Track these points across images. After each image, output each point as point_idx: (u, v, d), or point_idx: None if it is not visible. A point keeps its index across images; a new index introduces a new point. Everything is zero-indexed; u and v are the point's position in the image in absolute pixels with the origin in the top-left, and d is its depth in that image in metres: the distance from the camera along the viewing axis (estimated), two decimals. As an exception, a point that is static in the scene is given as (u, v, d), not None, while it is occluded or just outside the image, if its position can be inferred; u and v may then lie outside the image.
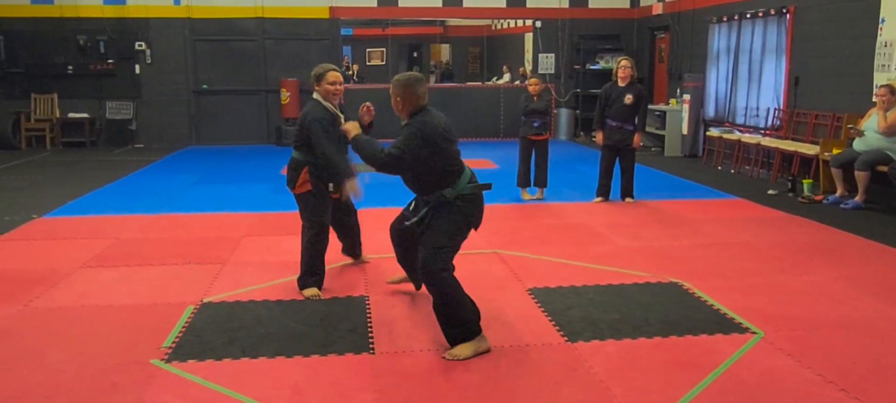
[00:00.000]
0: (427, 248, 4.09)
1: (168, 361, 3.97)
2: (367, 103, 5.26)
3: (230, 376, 3.79)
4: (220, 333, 4.38)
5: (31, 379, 3.77)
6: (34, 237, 6.89)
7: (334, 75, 5.14)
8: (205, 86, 14.62)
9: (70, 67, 14.06)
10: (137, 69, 14.41)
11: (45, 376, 3.81)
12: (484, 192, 4.42)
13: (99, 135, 14.43)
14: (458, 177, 4.24)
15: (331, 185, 5.15)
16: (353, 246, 5.84)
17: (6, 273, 5.66)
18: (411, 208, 4.47)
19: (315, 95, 5.16)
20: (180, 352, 4.09)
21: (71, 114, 14.26)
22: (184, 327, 4.47)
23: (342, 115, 5.19)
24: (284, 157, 6.45)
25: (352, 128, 4.47)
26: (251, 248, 6.42)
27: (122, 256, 6.15)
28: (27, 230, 7.16)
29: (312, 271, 5.16)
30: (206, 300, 4.98)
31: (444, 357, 4.03)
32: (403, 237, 4.67)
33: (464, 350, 4.05)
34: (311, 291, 5.10)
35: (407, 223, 4.39)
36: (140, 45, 14.27)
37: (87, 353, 4.12)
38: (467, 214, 4.27)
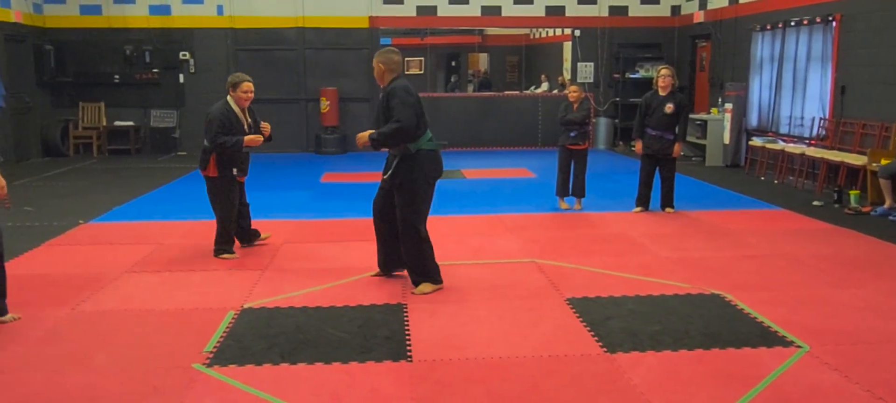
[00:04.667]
0: (404, 205, 5.18)
1: (209, 365, 4.03)
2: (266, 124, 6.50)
3: (270, 381, 3.83)
4: (260, 338, 4.43)
5: (78, 381, 3.86)
6: (81, 242, 7.06)
7: (248, 85, 6.27)
8: (246, 95, 14.82)
9: (116, 77, 14.39)
10: (181, 78, 14.70)
11: (90, 378, 3.90)
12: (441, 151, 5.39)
13: (144, 143, 14.74)
14: (423, 133, 5.15)
15: (235, 170, 6.25)
16: (246, 230, 6.64)
17: (54, 277, 5.80)
18: (386, 165, 5.31)
19: (228, 99, 6.22)
20: (221, 357, 4.14)
21: (117, 123, 14.60)
22: (225, 332, 4.53)
23: (249, 119, 6.36)
24: (324, 165, 6.53)
25: (363, 136, 5.21)
26: (291, 255, 6.49)
27: (166, 261, 6.26)
28: (74, 235, 7.34)
29: (228, 239, 6.29)
30: (246, 305, 5.05)
31: (412, 293, 5.20)
32: (383, 212, 5.42)
33: (426, 287, 5.26)
34: (230, 255, 6.24)
35: (384, 177, 5.24)
36: (184, 55, 14.56)
37: (131, 356, 4.20)
38: (427, 173, 5.20)
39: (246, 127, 6.31)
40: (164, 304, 5.12)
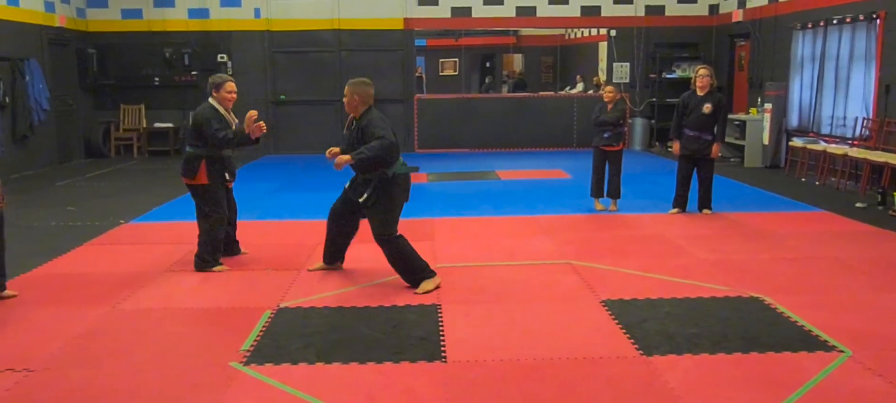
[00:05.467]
0: (378, 221, 5.32)
1: (246, 364, 4.08)
2: (254, 113, 6.04)
3: (306, 380, 3.86)
4: (295, 338, 4.47)
5: (120, 377, 3.93)
6: (122, 241, 7.19)
7: (231, 85, 6.10)
8: (282, 97, 15.00)
9: (156, 79, 14.65)
10: (219, 80, 14.89)
11: (131, 375, 3.97)
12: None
13: (182, 144, 14.97)
14: (397, 159, 5.33)
15: (227, 175, 6.11)
16: (231, 238, 6.39)
17: (96, 275, 5.92)
18: (355, 187, 5.47)
19: (212, 100, 6.01)
20: (258, 356, 4.19)
21: (157, 124, 14.87)
22: (261, 331, 4.58)
23: (236, 119, 6.15)
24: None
25: (344, 159, 5.23)
26: (326, 255, 6.52)
27: (204, 261, 6.34)
28: (115, 235, 7.48)
29: (215, 250, 6.00)
30: (282, 305, 5.10)
31: (415, 293, 5.26)
32: (342, 218, 5.68)
33: (428, 285, 5.33)
34: (220, 268, 5.96)
35: (359, 199, 5.35)
36: (222, 58, 14.75)
37: (171, 354, 4.27)
38: (405, 189, 5.42)
39: (234, 127, 6.12)
40: (202, 303, 5.20)
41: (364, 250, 6.38)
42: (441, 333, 4.54)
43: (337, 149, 5.46)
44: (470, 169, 12.32)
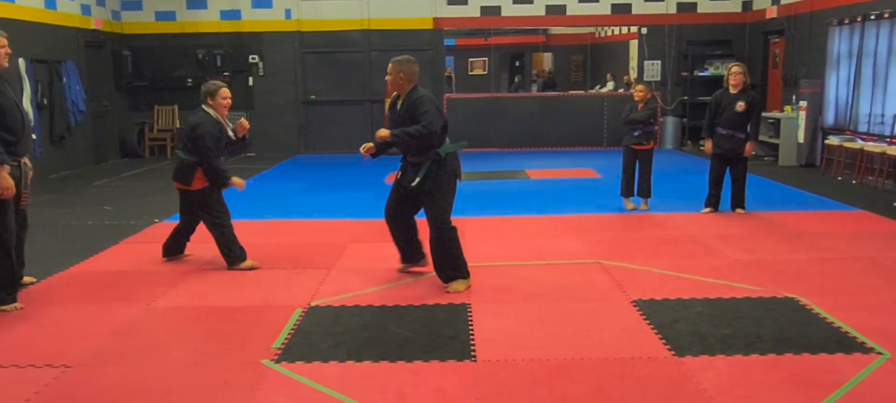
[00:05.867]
0: (436, 211, 5.26)
1: (278, 362, 4.11)
2: (243, 120, 6.24)
3: (336, 378, 3.89)
4: (326, 336, 4.50)
5: (154, 374, 3.99)
6: (156, 240, 7.29)
7: (226, 92, 6.01)
8: (313, 97, 15.11)
9: (189, 80, 14.83)
10: (251, 81, 15.06)
11: (165, 371, 4.03)
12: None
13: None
14: (445, 138, 5.27)
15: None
16: (181, 243, 6.37)
17: (131, 274, 6.02)
18: (406, 174, 5.39)
19: (208, 108, 5.93)
20: (289, 354, 4.22)
21: (190, 125, 15.04)
22: (292, 329, 4.62)
23: (230, 124, 6.09)
24: (389, 167, 6.57)
25: (383, 132, 5.23)
26: (356, 254, 6.57)
27: (236, 260, 6.41)
28: (149, 233, 7.60)
29: (238, 249, 5.99)
30: (313, 303, 5.14)
31: (445, 291, 5.27)
32: (399, 220, 5.59)
33: (459, 285, 5.32)
34: (248, 263, 5.97)
35: (411, 184, 5.27)
36: (253, 58, 14.91)
37: (203, 351, 4.33)
38: (455, 172, 5.33)
39: (230, 132, 6.12)
40: (234, 301, 5.26)
41: (391, 249, 6.39)
42: (471, 332, 4.53)
43: (387, 132, 5.29)
44: (499, 168, 12.30)
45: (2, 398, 3.70)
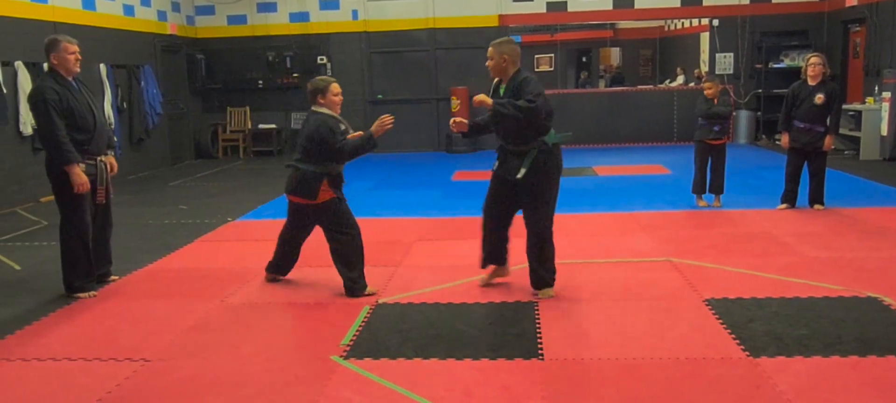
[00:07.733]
0: (541, 214, 4.96)
1: (346, 358, 4.17)
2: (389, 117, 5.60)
3: (404, 375, 3.91)
4: (393, 333, 4.54)
5: (226, 368, 4.10)
6: (228, 238, 7.50)
7: (337, 87, 5.42)
8: (380, 96, 15.27)
9: (260, 82, 15.21)
10: (319, 82, 15.30)
11: (237, 365, 4.13)
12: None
13: (285, 145, 15.48)
14: (549, 127, 4.93)
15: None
16: (292, 261, 5.84)
17: (206, 271, 6.20)
18: (505, 164, 5.00)
19: (321, 108, 5.29)
20: (357, 350, 4.27)
21: (261, 126, 15.43)
22: (360, 326, 4.68)
23: (345, 121, 5.51)
24: (455, 164, 6.64)
25: (483, 97, 4.81)
26: (423, 252, 6.60)
27: (305, 257, 6.49)
28: (222, 232, 7.81)
29: (362, 269, 5.38)
30: (380, 301, 5.18)
31: (535, 297, 5.05)
32: (500, 220, 5.18)
33: (549, 292, 5.10)
34: (370, 289, 5.35)
35: (517, 176, 4.89)
36: (321, 59, 15.16)
37: (274, 347, 4.42)
38: (560, 165, 5.05)
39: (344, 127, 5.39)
40: (304, 298, 5.35)
41: (457, 246, 6.40)
42: (538, 330, 4.50)
43: (489, 99, 4.86)
44: (566, 165, 11.98)
45: (86, 389, 3.86)
